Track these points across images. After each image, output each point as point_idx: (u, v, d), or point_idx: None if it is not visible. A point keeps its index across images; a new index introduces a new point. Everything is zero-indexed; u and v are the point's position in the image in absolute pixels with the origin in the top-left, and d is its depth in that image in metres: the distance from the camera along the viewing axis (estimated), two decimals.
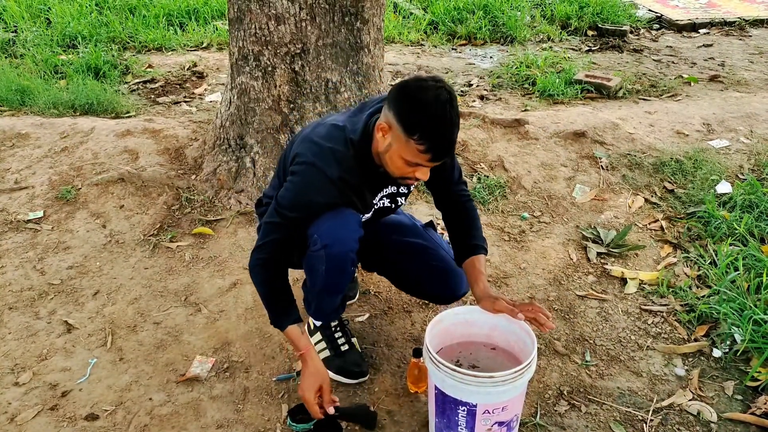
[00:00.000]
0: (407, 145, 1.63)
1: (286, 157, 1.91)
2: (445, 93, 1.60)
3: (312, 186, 1.75)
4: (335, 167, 1.74)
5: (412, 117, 1.60)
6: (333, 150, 1.75)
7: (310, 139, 1.79)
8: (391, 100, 1.66)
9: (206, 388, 2.06)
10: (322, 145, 1.75)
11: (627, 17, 5.97)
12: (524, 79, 4.48)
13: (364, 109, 1.85)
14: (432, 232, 2.17)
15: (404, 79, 1.72)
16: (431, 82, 1.62)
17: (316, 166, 1.73)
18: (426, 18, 5.63)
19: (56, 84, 4.09)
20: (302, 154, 1.76)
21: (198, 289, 2.50)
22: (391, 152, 1.69)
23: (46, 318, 2.35)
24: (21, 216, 2.86)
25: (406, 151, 1.65)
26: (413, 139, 1.61)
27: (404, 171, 1.72)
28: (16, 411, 1.95)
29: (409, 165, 1.69)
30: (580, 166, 3.31)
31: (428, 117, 1.59)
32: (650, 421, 1.96)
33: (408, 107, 1.61)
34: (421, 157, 1.65)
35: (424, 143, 1.61)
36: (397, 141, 1.65)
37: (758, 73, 4.79)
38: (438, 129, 1.61)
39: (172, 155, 3.20)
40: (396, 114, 1.63)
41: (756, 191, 2.98)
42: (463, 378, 1.59)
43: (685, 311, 2.40)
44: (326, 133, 1.79)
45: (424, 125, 1.59)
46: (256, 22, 2.71)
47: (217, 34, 5.16)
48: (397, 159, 1.69)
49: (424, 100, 1.59)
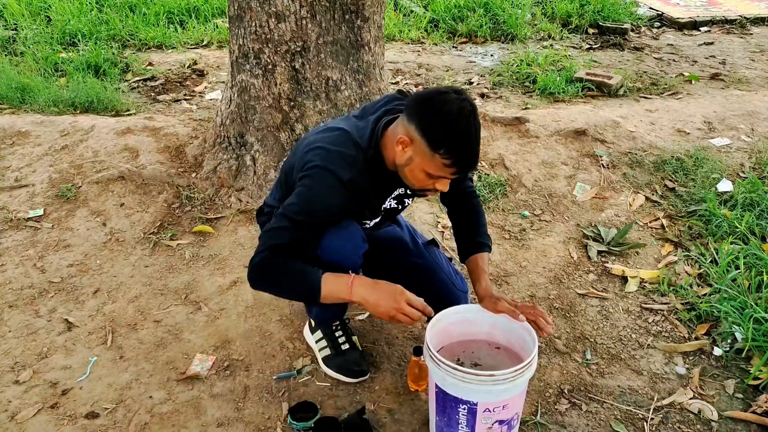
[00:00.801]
0: (432, 160, 1.62)
1: (292, 167, 1.88)
2: (468, 105, 1.60)
3: (324, 189, 1.71)
4: (347, 170, 1.71)
5: (437, 132, 1.58)
6: (343, 154, 1.73)
7: (319, 145, 1.75)
8: (412, 113, 1.63)
9: (206, 386, 2.05)
10: (332, 150, 1.73)
11: (628, 15, 5.96)
12: (525, 77, 4.48)
13: (365, 115, 1.83)
14: (433, 251, 2.16)
15: (424, 91, 1.70)
16: (453, 94, 1.61)
17: (328, 169, 1.70)
18: (427, 16, 5.62)
19: (56, 82, 4.08)
20: (312, 160, 1.73)
21: (198, 288, 2.50)
22: (412, 166, 1.67)
23: (46, 316, 2.35)
24: (21, 214, 2.86)
25: (431, 165, 1.64)
26: (439, 154, 1.60)
27: (425, 184, 1.71)
28: (17, 409, 1.95)
29: (431, 178, 1.68)
30: (580, 164, 3.30)
31: (454, 132, 1.58)
32: (651, 419, 1.96)
33: (432, 121, 1.59)
34: (446, 171, 1.64)
35: (450, 158, 1.60)
36: (421, 155, 1.63)
37: (759, 72, 4.78)
38: (464, 143, 1.60)
39: (173, 153, 3.20)
40: (419, 128, 1.61)
41: (757, 189, 2.98)
42: (464, 376, 1.59)
43: (685, 310, 2.40)
44: (334, 139, 1.76)
45: (450, 140, 1.58)
46: (257, 19, 2.70)
47: (218, 31, 5.15)
48: (419, 173, 1.67)
49: (448, 114, 1.58)
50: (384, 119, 1.78)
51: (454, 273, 2.13)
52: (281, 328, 2.29)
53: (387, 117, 1.79)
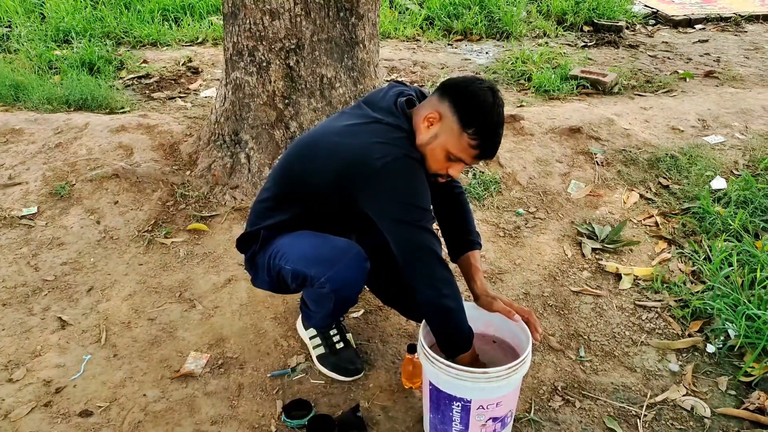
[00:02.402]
0: (459, 138, 1.65)
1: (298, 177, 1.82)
2: (500, 98, 1.67)
3: (415, 175, 1.67)
4: (414, 150, 1.69)
5: (471, 111, 1.63)
6: (401, 138, 1.68)
7: (373, 141, 1.66)
8: (448, 92, 1.67)
9: (201, 384, 2.05)
10: (390, 138, 1.67)
11: (623, 13, 5.97)
12: (520, 75, 4.48)
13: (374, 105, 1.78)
14: None
15: (461, 77, 1.74)
16: (486, 84, 1.68)
17: (404, 157, 1.65)
18: (422, 13, 5.62)
19: (50, 79, 4.07)
20: (383, 157, 1.62)
21: (192, 285, 2.49)
22: (435, 144, 1.68)
23: (40, 314, 2.34)
24: (15, 212, 2.85)
25: (456, 144, 1.66)
26: (468, 133, 1.64)
27: (441, 166, 1.72)
28: (10, 407, 1.95)
29: (450, 159, 1.69)
30: (575, 161, 3.31)
31: (487, 115, 1.64)
32: (644, 416, 1.96)
33: (469, 102, 1.64)
34: (468, 153, 1.66)
35: (477, 138, 1.64)
36: (448, 133, 1.66)
37: (753, 69, 4.79)
38: (493, 129, 1.65)
39: (167, 151, 3.19)
40: (453, 106, 1.65)
41: (750, 187, 2.99)
42: (458, 374, 1.59)
43: (679, 307, 2.41)
44: (380, 129, 1.70)
45: (481, 121, 1.63)
46: (251, 17, 2.70)
47: (212, 29, 5.14)
48: (441, 151, 1.68)
49: (484, 99, 1.64)
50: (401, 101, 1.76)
51: None
52: (276, 326, 2.29)
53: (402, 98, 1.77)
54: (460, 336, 1.72)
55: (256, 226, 1.93)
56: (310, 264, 1.79)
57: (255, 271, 1.99)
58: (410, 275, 1.69)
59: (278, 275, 1.88)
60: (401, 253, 1.68)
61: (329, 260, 1.77)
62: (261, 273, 1.95)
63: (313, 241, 1.83)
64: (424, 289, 1.68)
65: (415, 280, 1.69)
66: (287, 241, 1.86)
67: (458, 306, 1.70)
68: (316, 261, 1.79)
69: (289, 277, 1.84)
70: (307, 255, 1.80)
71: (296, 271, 1.81)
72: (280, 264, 1.84)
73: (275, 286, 1.96)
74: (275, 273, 1.89)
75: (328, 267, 1.77)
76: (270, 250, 1.88)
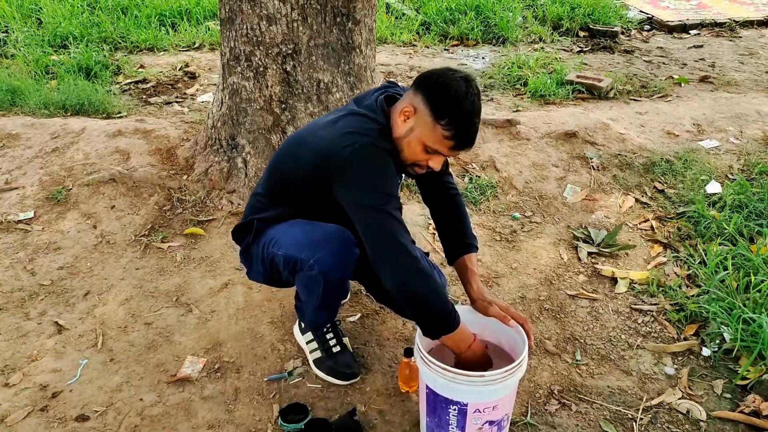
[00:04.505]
0: (433, 130, 1.66)
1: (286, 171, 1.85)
2: (475, 87, 1.66)
3: (380, 162, 1.68)
4: (384, 141, 1.71)
5: (443, 102, 1.63)
6: (372, 129, 1.71)
7: (345, 132, 1.70)
8: (421, 85, 1.68)
9: (197, 388, 2.05)
10: (362, 129, 1.70)
11: (618, 18, 5.99)
12: (516, 80, 4.49)
13: (362, 101, 1.83)
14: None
15: (434, 69, 1.74)
16: (462, 74, 1.67)
17: (369, 145, 1.67)
18: (418, 19, 5.64)
19: (47, 84, 4.07)
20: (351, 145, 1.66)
21: (189, 290, 2.49)
22: (411, 137, 1.70)
23: (36, 319, 2.34)
24: (11, 216, 2.85)
25: (430, 136, 1.67)
26: (441, 124, 1.64)
27: (420, 158, 1.73)
28: (6, 412, 1.95)
29: (427, 152, 1.71)
30: (571, 166, 3.32)
31: (459, 105, 1.63)
32: (640, 419, 1.97)
33: (440, 93, 1.64)
34: (443, 144, 1.67)
35: (450, 129, 1.64)
36: (423, 125, 1.67)
37: (748, 74, 4.82)
38: (467, 118, 1.65)
39: (164, 156, 3.19)
40: (426, 98, 1.66)
41: (745, 191, 3.00)
42: (454, 377, 1.59)
43: (674, 310, 2.42)
44: (354, 121, 1.74)
45: (454, 112, 1.63)
46: (248, 22, 2.71)
47: (209, 34, 5.15)
48: (417, 144, 1.70)
49: (456, 89, 1.64)
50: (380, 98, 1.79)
51: (432, 266, 2.13)
52: (272, 330, 2.29)
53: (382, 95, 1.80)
54: (434, 318, 1.68)
55: (250, 217, 1.98)
56: (301, 248, 1.81)
57: (249, 263, 2.02)
58: (374, 262, 1.68)
59: (271, 263, 1.90)
60: (365, 239, 1.68)
61: (319, 243, 1.79)
62: (255, 264, 1.98)
63: (304, 228, 1.86)
64: (387, 276, 1.66)
65: (378, 267, 1.67)
66: (280, 229, 1.89)
67: (426, 290, 1.65)
68: (306, 245, 1.81)
69: (281, 263, 1.86)
70: (299, 240, 1.83)
71: (288, 256, 1.83)
72: (273, 251, 1.87)
73: (269, 276, 1.98)
74: (268, 261, 1.91)
75: (317, 249, 1.78)
76: (263, 240, 1.92)
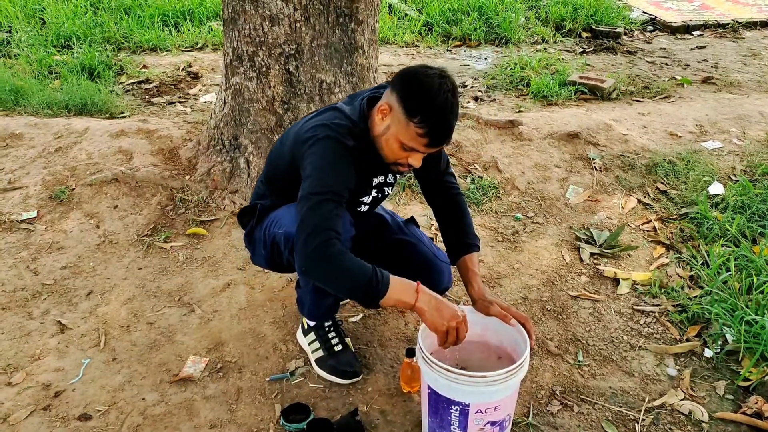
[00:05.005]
0: (407, 128, 1.66)
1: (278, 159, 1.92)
2: (449, 83, 1.66)
3: (335, 156, 1.72)
4: (349, 139, 1.74)
5: (415, 100, 1.63)
6: (341, 125, 1.75)
7: (316, 123, 1.77)
8: (395, 83, 1.69)
9: (199, 388, 2.06)
10: (331, 124, 1.76)
11: (621, 19, 5.99)
12: (518, 81, 4.49)
13: (355, 98, 1.86)
14: (412, 227, 2.19)
15: (410, 66, 1.75)
16: (436, 71, 1.67)
17: (331, 137, 1.72)
18: (421, 19, 5.64)
19: (50, 84, 4.08)
20: (315, 135, 1.74)
21: (191, 290, 2.50)
22: (388, 135, 1.71)
23: (39, 318, 2.35)
24: (14, 216, 2.86)
25: (405, 134, 1.67)
26: (413, 122, 1.64)
27: (398, 155, 1.74)
28: (9, 411, 1.95)
29: (405, 149, 1.72)
30: (573, 167, 3.32)
31: (431, 102, 1.63)
32: (642, 420, 1.97)
33: (412, 91, 1.65)
34: (418, 141, 1.67)
35: (423, 127, 1.64)
36: (397, 123, 1.68)
37: (751, 75, 4.81)
38: (439, 114, 1.64)
39: (167, 156, 3.20)
40: (399, 96, 1.66)
41: (748, 192, 3.00)
42: (456, 378, 1.59)
43: (677, 311, 2.41)
44: (329, 115, 1.80)
45: (425, 109, 1.63)
46: (251, 22, 2.71)
47: (212, 34, 5.15)
48: (394, 142, 1.71)
49: (428, 86, 1.63)
50: (369, 96, 1.82)
51: (435, 247, 2.16)
52: (274, 330, 2.29)
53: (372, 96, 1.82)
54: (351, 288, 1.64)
55: (254, 202, 2.03)
56: None
57: (253, 247, 2.06)
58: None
59: (273, 244, 1.93)
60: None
61: None
62: (258, 247, 2.01)
63: None
64: (296, 259, 1.66)
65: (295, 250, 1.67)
66: (280, 211, 1.94)
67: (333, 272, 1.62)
68: None
69: (282, 241, 1.88)
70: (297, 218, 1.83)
71: (288, 234, 1.84)
72: (274, 231, 1.91)
73: (271, 259, 2.00)
74: (270, 242, 1.93)
75: None
76: (266, 223, 1.96)
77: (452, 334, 1.67)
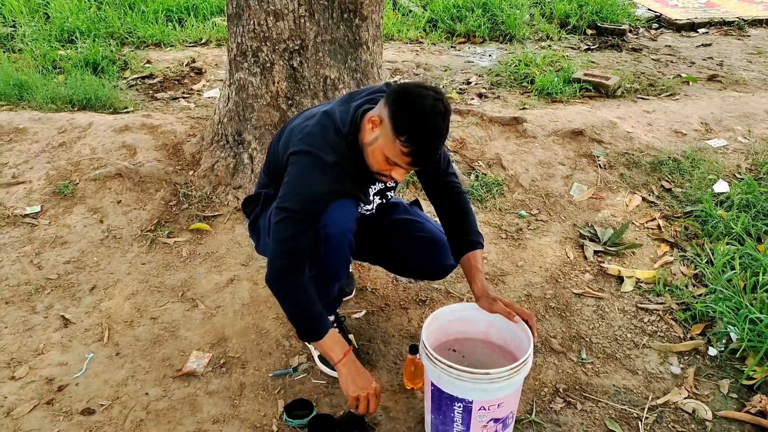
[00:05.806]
0: (393, 144, 1.67)
1: (275, 153, 1.93)
2: (441, 106, 1.65)
3: (312, 173, 1.74)
4: (330, 153, 1.75)
5: (404, 119, 1.64)
6: (326, 138, 1.76)
7: (301, 130, 1.80)
8: (389, 98, 1.69)
9: (202, 383, 2.06)
10: (315, 134, 1.77)
11: (626, 16, 5.97)
12: (523, 78, 4.48)
13: (351, 100, 1.86)
14: (416, 209, 2.20)
15: (407, 82, 1.74)
16: (431, 92, 1.66)
17: (312, 153, 1.74)
18: (425, 16, 5.62)
19: (54, 79, 4.07)
20: (297, 145, 1.77)
21: (195, 285, 2.50)
22: (375, 146, 1.72)
23: (42, 312, 2.35)
24: (18, 210, 2.86)
25: (390, 149, 1.68)
26: (400, 140, 1.65)
27: (382, 167, 1.76)
28: (13, 405, 1.95)
29: (389, 163, 1.73)
30: (577, 164, 3.31)
31: (420, 123, 1.63)
32: (645, 418, 1.96)
33: (403, 109, 1.64)
34: (402, 159, 1.68)
35: (408, 146, 1.65)
36: (384, 137, 1.68)
37: (756, 73, 4.79)
38: (425, 137, 1.65)
39: (170, 151, 3.20)
40: (390, 111, 1.66)
41: (753, 191, 2.99)
42: (460, 374, 1.59)
43: (681, 310, 2.41)
44: (317, 123, 1.80)
45: (413, 129, 1.63)
46: (255, 18, 2.71)
47: (216, 30, 5.15)
48: (379, 154, 1.72)
49: (420, 106, 1.63)
50: (365, 107, 1.81)
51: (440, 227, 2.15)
52: (277, 325, 2.29)
53: (368, 105, 1.81)
54: (294, 321, 1.81)
55: (258, 191, 2.06)
56: None
57: (257, 236, 2.08)
58: None
59: None
60: None
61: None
62: (262, 236, 2.03)
63: None
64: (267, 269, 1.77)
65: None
66: None
67: (282, 296, 1.77)
68: None
69: None
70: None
71: None
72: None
73: None
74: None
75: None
76: (269, 211, 1.96)
77: (363, 403, 1.77)
